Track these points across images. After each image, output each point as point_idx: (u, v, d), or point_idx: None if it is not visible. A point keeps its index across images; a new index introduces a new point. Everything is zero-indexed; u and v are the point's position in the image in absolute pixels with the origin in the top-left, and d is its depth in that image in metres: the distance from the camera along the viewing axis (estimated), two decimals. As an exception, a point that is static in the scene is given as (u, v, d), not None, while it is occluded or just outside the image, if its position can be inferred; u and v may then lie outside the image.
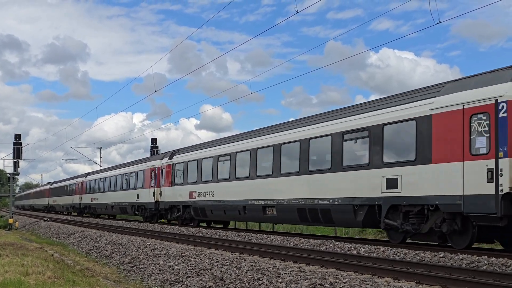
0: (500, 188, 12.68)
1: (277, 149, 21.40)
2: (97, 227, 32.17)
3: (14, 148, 47.13)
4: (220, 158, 26.01)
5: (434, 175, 14.44)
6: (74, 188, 58.03)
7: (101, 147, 74.65)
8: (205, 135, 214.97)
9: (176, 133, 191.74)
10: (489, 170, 12.93)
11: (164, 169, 33.11)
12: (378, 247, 15.02)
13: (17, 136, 47.82)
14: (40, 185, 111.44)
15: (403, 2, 32.02)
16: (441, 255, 12.76)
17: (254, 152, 23.16)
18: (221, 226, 30.48)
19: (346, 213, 17.46)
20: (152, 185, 34.67)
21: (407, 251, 13.81)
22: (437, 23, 16.09)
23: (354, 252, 14.59)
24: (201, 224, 30.43)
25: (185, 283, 12.40)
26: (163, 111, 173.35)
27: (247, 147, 23.74)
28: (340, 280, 10.01)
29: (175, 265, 14.40)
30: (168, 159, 32.68)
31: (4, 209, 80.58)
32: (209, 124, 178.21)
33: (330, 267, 12.03)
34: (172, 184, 31.51)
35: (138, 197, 37.07)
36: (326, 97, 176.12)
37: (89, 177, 53.82)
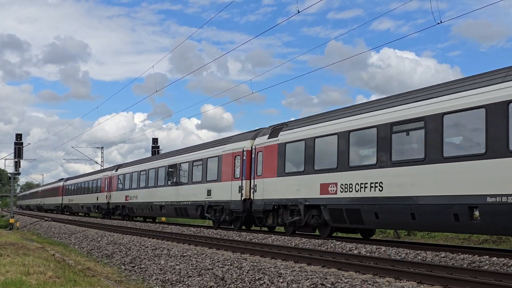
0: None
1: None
2: (98, 227, 32.16)
3: (15, 148, 47.18)
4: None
5: None
6: (99, 184, 47.62)
7: (102, 147, 74.66)
8: (206, 135, 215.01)
9: (177, 133, 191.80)
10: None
11: (261, 152, 22.95)
12: (379, 247, 15.01)
13: (18, 136, 47.88)
14: (42, 184, 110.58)
15: (403, 2, 32.05)
16: (443, 255, 12.75)
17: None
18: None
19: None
20: (237, 177, 24.71)
21: (408, 251, 13.80)
22: (438, 23, 16.07)
23: (355, 252, 14.58)
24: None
25: (186, 283, 12.40)
26: (163, 111, 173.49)
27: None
28: (341, 280, 10.01)
29: (176, 265, 14.40)
30: (269, 138, 22.61)
31: (5, 209, 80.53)
32: (210, 124, 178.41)
33: (331, 267, 12.02)
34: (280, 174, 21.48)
35: (209, 194, 27.25)
36: (327, 97, 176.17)
37: (122, 170, 42.40)
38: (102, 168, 65.04)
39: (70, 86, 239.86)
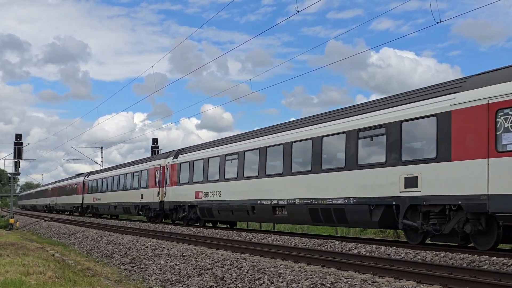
0: None
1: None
2: (98, 227, 32.17)
3: (14, 148, 47.17)
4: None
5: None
6: (145, 177, 36.66)
7: (102, 147, 74.58)
8: (206, 135, 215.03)
9: (177, 133, 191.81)
10: None
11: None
12: (379, 246, 15.01)
13: (18, 136, 47.88)
14: (42, 184, 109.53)
15: (403, 2, 32.05)
16: (442, 255, 12.75)
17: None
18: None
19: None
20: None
21: (408, 251, 13.80)
22: (438, 23, 16.07)
23: (355, 251, 14.58)
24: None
25: (186, 283, 12.39)
26: (163, 111, 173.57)
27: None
28: (341, 279, 10.01)
29: (176, 264, 14.40)
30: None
31: (5, 209, 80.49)
32: (210, 124, 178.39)
33: (331, 266, 12.02)
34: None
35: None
36: (327, 97, 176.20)
37: (186, 157, 31.10)
38: (101, 167, 64.53)
39: (70, 86, 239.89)
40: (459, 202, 13.73)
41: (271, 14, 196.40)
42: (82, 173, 60.03)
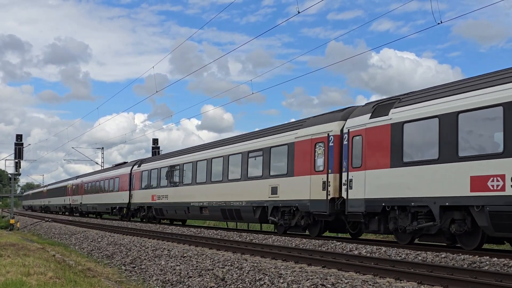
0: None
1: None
2: (99, 227, 32.17)
3: (15, 148, 47.21)
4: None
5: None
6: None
7: (103, 148, 74.54)
8: (207, 136, 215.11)
9: (178, 133, 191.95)
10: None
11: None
12: (380, 247, 15.01)
13: (19, 137, 47.91)
14: (42, 185, 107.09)
15: (403, 3, 32.04)
16: (443, 256, 12.75)
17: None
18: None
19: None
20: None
21: (408, 252, 13.80)
22: (438, 23, 16.08)
23: (356, 252, 14.58)
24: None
25: (186, 283, 12.40)
26: (164, 111, 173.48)
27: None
28: (341, 280, 10.01)
29: (177, 265, 14.40)
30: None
31: (5, 210, 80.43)
32: (210, 125, 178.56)
33: (331, 267, 12.02)
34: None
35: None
36: (327, 98, 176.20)
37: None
38: (102, 167, 63.51)
39: (70, 86, 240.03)
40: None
41: (271, 15, 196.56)
42: (124, 162, 45.47)
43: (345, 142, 17.67)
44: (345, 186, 17.41)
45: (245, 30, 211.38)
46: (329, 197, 18.04)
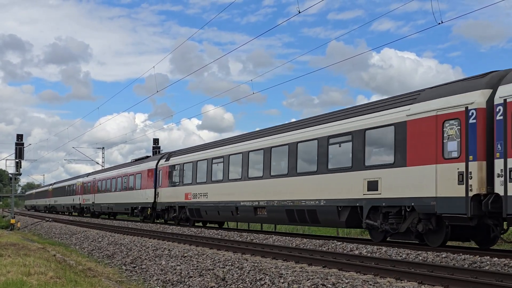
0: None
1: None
2: (99, 227, 32.18)
3: (16, 148, 47.18)
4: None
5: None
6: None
7: (103, 148, 74.48)
8: (207, 135, 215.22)
9: (178, 133, 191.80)
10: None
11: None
12: (380, 247, 15.01)
13: (19, 137, 47.88)
14: (42, 185, 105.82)
15: (404, 3, 32.02)
16: (443, 256, 12.74)
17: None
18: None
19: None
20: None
21: (409, 251, 13.80)
22: (439, 23, 16.06)
23: (356, 252, 14.58)
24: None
25: (187, 283, 12.40)
26: (164, 111, 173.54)
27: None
28: (342, 280, 10.01)
29: (177, 265, 14.40)
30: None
31: (6, 210, 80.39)
32: (211, 125, 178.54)
33: (332, 267, 12.02)
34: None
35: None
36: (328, 98, 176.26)
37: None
38: (103, 167, 63.38)
39: (71, 86, 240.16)
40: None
41: (272, 15, 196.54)
42: (148, 156, 40.91)
43: (499, 117, 13.29)
44: (501, 178, 13.00)
45: (246, 30, 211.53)
46: (470, 194, 13.60)
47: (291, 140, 20.67)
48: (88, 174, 54.52)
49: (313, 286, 9.79)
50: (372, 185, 16.59)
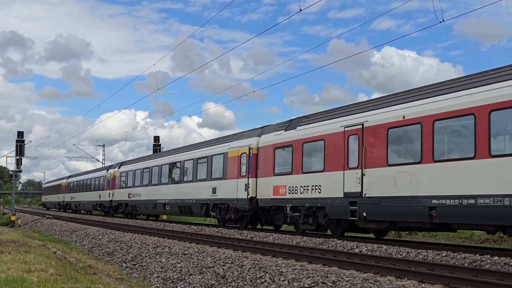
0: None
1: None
2: (99, 224, 32.20)
3: (16, 145, 47.21)
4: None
5: None
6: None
7: (104, 145, 74.46)
8: (208, 133, 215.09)
9: (179, 131, 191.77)
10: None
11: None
12: (381, 246, 15.00)
13: (20, 134, 47.89)
14: (42, 182, 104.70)
15: (404, 1, 31.94)
16: (444, 254, 12.74)
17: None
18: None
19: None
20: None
21: (409, 250, 13.80)
22: (440, 22, 16.05)
23: (357, 250, 14.58)
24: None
25: (187, 281, 12.40)
26: (165, 109, 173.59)
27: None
28: (342, 278, 10.01)
29: (178, 263, 14.41)
30: (118, 168, 43.49)
31: (6, 207, 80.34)
32: (211, 122, 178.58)
33: (332, 265, 12.02)
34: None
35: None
36: (328, 96, 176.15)
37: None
38: (103, 165, 63.35)
39: (72, 83, 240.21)
40: None
41: (272, 13, 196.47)
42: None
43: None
44: None
45: (247, 28, 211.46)
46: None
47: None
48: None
49: (313, 284, 9.79)
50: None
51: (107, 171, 46.79)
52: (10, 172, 57.53)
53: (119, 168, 43.54)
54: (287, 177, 20.65)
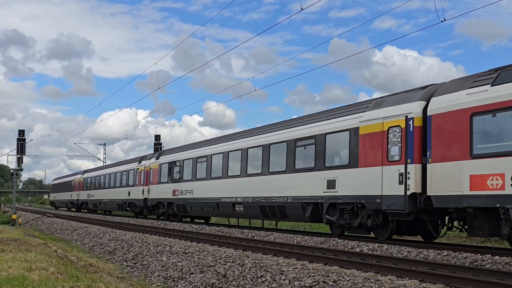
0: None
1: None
2: (100, 223, 32.20)
3: (17, 144, 47.19)
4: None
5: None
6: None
7: (105, 144, 74.39)
8: (209, 132, 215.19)
9: (180, 130, 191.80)
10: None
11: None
12: (382, 245, 15.00)
13: (21, 132, 47.87)
14: (43, 180, 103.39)
15: (405, 1, 31.86)
16: (445, 254, 12.73)
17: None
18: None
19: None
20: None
21: (410, 249, 13.79)
22: (442, 21, 16.00)
23: (358, 250, 14.58)
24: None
25: (188, 279, 12.40)
26: (166, 108, 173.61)
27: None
28: (343, 277, 10.00)
29: (178, 261, 14.41)
30: (156, 159, 35.25)
31: (7, 205, 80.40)
32: (212, 121, 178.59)
33: (333, 264, 12.02)
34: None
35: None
36: (329, 95, 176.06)
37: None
38: (104, 164, 63.16)
39: (73, 82, 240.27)
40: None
41: (273, 12, 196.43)
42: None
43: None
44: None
45: (248, 27, 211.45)
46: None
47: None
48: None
49: (314, 284, 9.79)
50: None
51: (139, 163, 38.50)
52: (11, 170, 57.58)
53: (156, 159, 34.76)
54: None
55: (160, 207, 33.77)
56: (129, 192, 40.29)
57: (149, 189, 35.66)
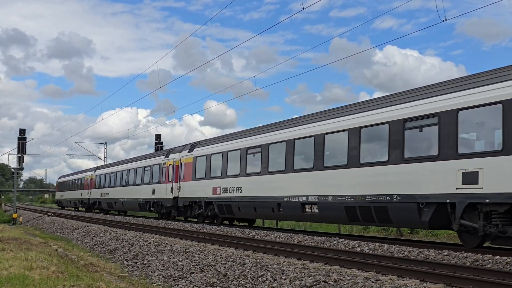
0: None
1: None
2: (101, 222, 32.20)
3: (18, 143, 47.25)
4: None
5: None
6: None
7: (105, 143, 74.46)
8: (209, 131, 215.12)
9: (181, 129, 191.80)
10: None
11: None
12: (382, 244, 14.99)
13: (22, 131, 47.93)
14: (44, 179, 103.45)
15: (406, 1, 31.90)
16: (445, 253, 12.73)
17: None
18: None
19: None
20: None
21: (411, 249, 13.79)
22: (443, 21, 15.99)
23: (358, 249, 14.57)
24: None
25: (189, 279, 12.40)
26: (167, 107, 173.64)
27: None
28: (344, 277, 10.00)
29: (179, 261, 14.41)
30: (188, 152, 29.90)
31: (8, 204, 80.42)
32: (213, 121, 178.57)
33: (334, 264, 12.01)
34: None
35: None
36: (330, 94, 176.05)
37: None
38: (105, 163, 62.85)
39: (74, 81, 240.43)
40: None
41: (274, 11, 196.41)
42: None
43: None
44: None
45: (249, 26, 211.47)
46: None
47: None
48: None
49: (315, 283, 9.79)
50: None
51: (166, 157, 33.62)
52: (12, 169, 57.60)
53: (189, 151, 30.10)
54: None
55: (195, 207, 28.84)
56: (153, 190, 35.35)
57: (179, 187, 30.71)
